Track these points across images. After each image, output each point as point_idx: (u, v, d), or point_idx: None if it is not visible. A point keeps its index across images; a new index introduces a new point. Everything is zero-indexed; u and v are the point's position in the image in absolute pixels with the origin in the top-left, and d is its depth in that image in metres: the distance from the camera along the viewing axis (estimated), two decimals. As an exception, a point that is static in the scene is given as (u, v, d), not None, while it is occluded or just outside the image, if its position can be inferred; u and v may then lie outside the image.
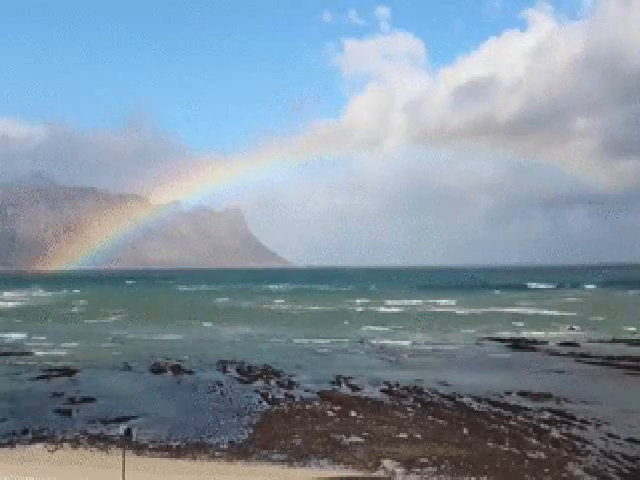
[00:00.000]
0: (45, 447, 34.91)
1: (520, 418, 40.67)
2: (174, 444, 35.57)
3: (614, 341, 79.96)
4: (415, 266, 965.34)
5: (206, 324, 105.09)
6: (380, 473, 30.80)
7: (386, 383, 52.60)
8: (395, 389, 50.46)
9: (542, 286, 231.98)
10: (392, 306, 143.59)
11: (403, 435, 36.96)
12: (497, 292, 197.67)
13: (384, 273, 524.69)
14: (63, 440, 36.21)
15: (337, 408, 43.82)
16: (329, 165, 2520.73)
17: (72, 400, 46.54)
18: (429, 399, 46.70)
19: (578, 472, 30.57)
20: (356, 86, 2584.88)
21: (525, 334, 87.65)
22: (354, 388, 51.21)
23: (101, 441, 36.03)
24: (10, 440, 36.31)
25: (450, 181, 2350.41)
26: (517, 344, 77.70)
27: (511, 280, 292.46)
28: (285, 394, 48.94)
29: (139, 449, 34.32)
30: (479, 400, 46.03)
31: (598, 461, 32.22)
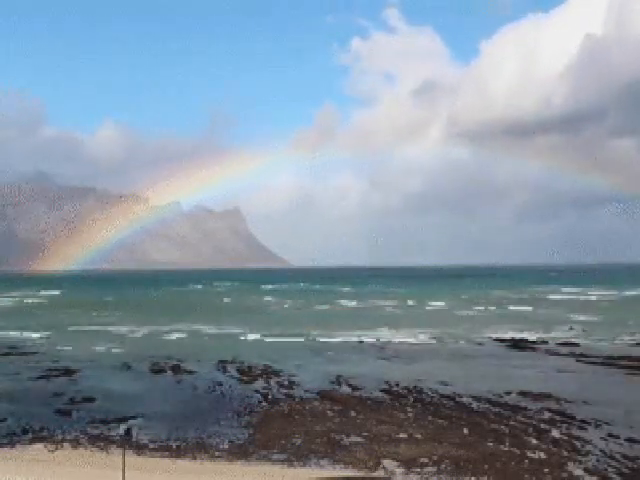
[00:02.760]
0: (45, 447, 34.91)
1: (520, 418, 40.66)
2: (174, 444, 35.57)
3: (614, 341, 80.00)
4: (415, 266, 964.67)
5: (206, 324, 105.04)
6: (380, 473, 30.81)
7: (386, 383, 52.59)
8: (395, 389, 50.46)
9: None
10: (391, 306, 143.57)
11: (403, 435, 36.96)
12: (498, 292, 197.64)
13: (389, 272, 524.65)
14: (63, 440, 36.22)
15: (337, 408, 43.82)
16: (340, 164, 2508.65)
17: (72, 400, 46.54)
18: (429, 399, 46.69)
19: (578, 472, 30.57)
20: (384, 83, 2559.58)
21: (525, 334, 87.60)
22: (354, 388, 51.20)
23: (101, 441, 36.03)
24: (10, 440, 36.32)
25: (478, 179, 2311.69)
26: (517, 344, 77.69)
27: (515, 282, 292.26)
28: (285, 394, 48.93)
29: (139, 449, 34.32)
30: (479, 400, 46.03)
31: (598, 461, 32.23)
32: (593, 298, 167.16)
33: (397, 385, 51.85)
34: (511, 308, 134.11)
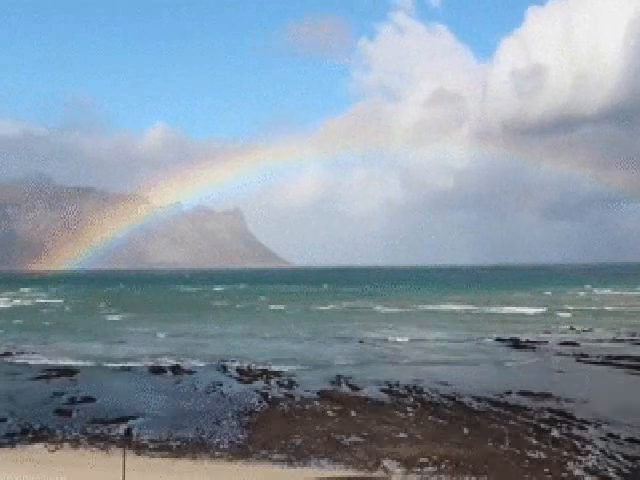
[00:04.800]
0: (45, 447, 34.91)
1: (520, 418, 40.65)
2: (174, 444, 35.56)
3: (614, 341, 79.97)
4: (428, 266, 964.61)
5: (206, 324, 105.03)
6: (380, 473, 30.80)
7: (386, 383, 52.57)
8: (395, 389, 50.45)
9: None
10: (391, 306, 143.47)
11: (403, 435, 36.95)
12: (503, 292, 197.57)
13: (393, 273, 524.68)
14: (63, 440, 36.22)
15: (337, 408, 43.82)
16: (346, 164, 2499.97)
17: (72, 400, 46.53)
18: (429, 399, 46.68)
19: (578, 472, 30.57)
20: (400, 81, 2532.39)
21: (526, 334, 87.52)
22: (354, 388, 51.19)
23: (101, 441, 36.02)
24: (10, 440, 36.32)
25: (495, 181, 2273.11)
26: (517, 344, 77.67)
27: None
28: (285, 394, 48.92)
29: (139, 449, 34.31)
30: (479, 400, 46.01)
31: (598, 461, 32.22)
32: (597, 297, 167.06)
33: (397, 385, 51.84)
34: (512, 308, 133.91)
